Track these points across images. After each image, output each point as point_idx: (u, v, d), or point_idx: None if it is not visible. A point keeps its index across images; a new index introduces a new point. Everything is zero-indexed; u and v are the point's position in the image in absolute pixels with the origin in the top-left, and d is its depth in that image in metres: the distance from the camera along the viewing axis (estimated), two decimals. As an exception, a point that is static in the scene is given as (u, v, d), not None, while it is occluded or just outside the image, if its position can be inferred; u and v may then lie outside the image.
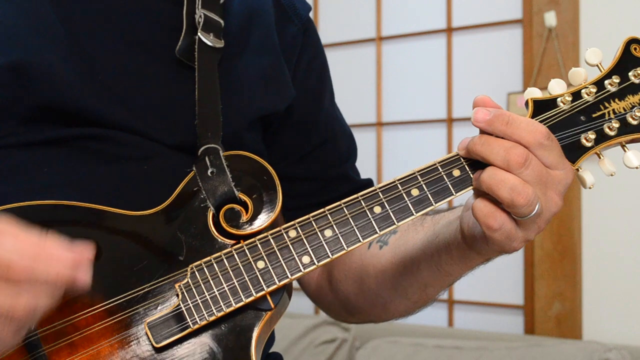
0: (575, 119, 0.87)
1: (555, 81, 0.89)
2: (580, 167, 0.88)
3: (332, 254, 0.85)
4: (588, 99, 0.88)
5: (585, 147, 0.87)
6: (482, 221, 0.81)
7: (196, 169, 0.89)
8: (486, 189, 0.81)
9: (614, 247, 2.38)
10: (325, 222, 0.86)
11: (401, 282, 1.03)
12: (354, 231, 0.85)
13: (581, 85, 0.89)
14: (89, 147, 0.91)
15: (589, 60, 0.89)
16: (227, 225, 0.86)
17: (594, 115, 0.87)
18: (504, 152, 0.80)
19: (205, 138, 0.92)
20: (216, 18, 0.99)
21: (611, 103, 0.88)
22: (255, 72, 1.03)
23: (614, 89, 0.88)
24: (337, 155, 1.16)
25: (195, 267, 0.84)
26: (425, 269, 0.98)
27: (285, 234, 0.85)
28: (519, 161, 0.80)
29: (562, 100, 0.88)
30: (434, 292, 1.02)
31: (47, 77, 0.89)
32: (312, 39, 1.15)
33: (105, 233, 0.85)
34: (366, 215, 0.86)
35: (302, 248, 0.85)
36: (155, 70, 0.96)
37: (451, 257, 0.93)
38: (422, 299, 1.04)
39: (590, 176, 0.88)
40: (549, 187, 0.82)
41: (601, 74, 0.89)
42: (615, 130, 0.87)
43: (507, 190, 0.79)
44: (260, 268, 0.84)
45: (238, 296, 0.83)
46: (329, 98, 1.18)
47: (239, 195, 0.88)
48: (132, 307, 0.82)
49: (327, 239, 0.85)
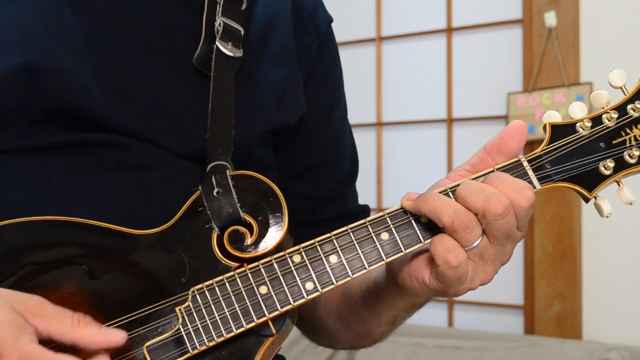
0: (594, 146, 0.84)
1: (577, 104, 0.86)
2: (598, 195, 0.85)
3: (337, 280, 0.83)
4: (609, 124, 0.85)
5: (604, 175, 0.84)
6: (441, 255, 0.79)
7: (202, 188, 0.87)
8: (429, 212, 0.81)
9: (614, 247, 2.38)
10: (331, 247, 0.83)
11: (344, 313, 1.02)
12: (360, 258, 0.83)
13: (602, 109, 0.85)
14: (99, 154, 0.90)
15: (613, 82, 0.85)
16: (231, 248, 0.84)
17: (614, 142, 0.84)
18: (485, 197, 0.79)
19: (215, 154, 0.90)
20: (236, 26, 0.97)
21: (633, 129, 0.84)
22: (271, 85, 1.01)
23: (637, 114, 0.85)
24: (336, 178, 1.14)
25: (196, 290, 0.82)
26: (360, 305, 0.98)
27: (289, 259, 0.83)
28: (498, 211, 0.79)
29: (582, 126, 0.85)
30: (374, 329, 1.00)
31: (60, 79, 0.88)
32: (329, 53, 1.12)
33: (108, 251, 0.84)
34: (373, 241, 0.84)
35: (306, 274, 0.83)
36: (170, 78, 0.94)
37: (376, 295, 0.93)
38: (365, 334, 1.02)
39: (607, 205, 0.85)
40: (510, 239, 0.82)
41: (623, 98, 0.86)
42: (636, 159, 0.84)
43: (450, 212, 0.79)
44: (263, 293, 0.82)
45: (239, 321, 0.81)
46: (340, 117, 1.15)
47: (244, 217, 0.86)
48: (133, 330, 0.81)
49: (332, 265, 0.83)
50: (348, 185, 1.16)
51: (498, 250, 0.82)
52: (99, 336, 0.74)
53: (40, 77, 0.87)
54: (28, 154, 0.89)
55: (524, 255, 2.52)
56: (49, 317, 0.73)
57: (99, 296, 0.81)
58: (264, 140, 1.01)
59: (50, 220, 0.83)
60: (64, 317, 0.74)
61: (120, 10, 0.94)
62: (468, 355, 2.29)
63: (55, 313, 0.74)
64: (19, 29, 0.89)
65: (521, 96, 2.49)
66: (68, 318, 0.74)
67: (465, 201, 0.80)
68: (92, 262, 0.83)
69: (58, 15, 0.91)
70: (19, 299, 0.74)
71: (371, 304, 0.96)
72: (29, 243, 0.82)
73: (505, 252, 0.83)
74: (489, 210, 0.78)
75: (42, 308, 0.74)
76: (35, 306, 0.74)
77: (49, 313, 0.74)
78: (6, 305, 0.72)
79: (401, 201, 0.84)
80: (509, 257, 0.84)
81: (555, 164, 0.85)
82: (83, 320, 0.74)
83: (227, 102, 0.94)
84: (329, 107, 1.13)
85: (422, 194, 0.83)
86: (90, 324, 0.75)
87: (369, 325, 1.00)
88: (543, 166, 0.84)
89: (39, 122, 0.89)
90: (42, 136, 0.89)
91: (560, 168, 0.85)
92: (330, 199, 1.13)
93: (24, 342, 0.71)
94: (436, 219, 0.80)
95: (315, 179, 1.11)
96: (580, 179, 0.84)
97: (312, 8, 1.10)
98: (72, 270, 0.82)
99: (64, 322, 0.74)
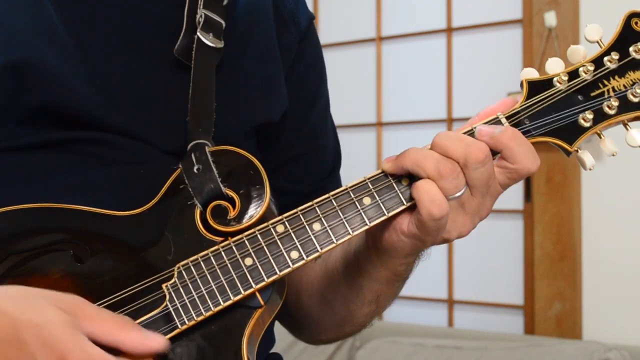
0: (572, 99, 0.85)
1: (554, 60, 0.87)
2: (580, 148, 0.85)
3: (321, 247, 0.83)
4: (586, 77, 0.85)
5: (584, 127, 0.84)
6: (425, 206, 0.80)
7: (182, 166, 0.87)
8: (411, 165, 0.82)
9: (614, 247, 2.38)
10: (313, 215, 0.84)
11: (327, 294, 1.02)
12: (343, 224, 0.84)
13: (578, 63, 0.86)
14: (86, 151, 0.90)
15: (589, 36, 0.86)
16: (214, 223, 0.84)
17: (593, 94, 0.85)
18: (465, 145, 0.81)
19: (196, 133, 0.90)
20: (217, 19, 0.98)
21: (610, 81, 0.85)
22: (255, 80, 1.02)
23: (614, 65, 0.85)
24: (317, 171, 1.14)
25: (182, 266, 0.82)
26: (343, 281, 0.98)
27: (273, 229, 0.84)
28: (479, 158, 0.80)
29: (559, 80, 0.86)
30: (357, 309, 1.00)
31: (46, 77, 0.88)
32: (310, 48, 1.12)
33: (92, 234, 0.84)
34: (355, 207, 0.84)
35: (291, 243, 0.83)
36: (154, 74, 0.95)
37: (357, 266, 0.93)
38: (348, 317, 1.02)
39: (589, 157, 0.85)
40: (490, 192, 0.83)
41: (599, 51, 0.86)
42: (615, 109, 0.84)
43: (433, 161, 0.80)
44: (248, 265, 0.82)
45: (226, 294, 0.81)
46: (321, 110, 1.16)
47: (226, 192, 0.86)
48: (120, 309, 0.81)
49: (315, 232, 0.83)
50: (330, 179, 1.16)
51: (479, 203, 0.83)
52: (145, 341, 0.74)
53: (25, 76, 0.88)
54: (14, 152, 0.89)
55: (524, 255, 2.52)
56: (92, 317, 0.73)
57: (86, 279, 0.81)
58: (249, 136, 1.02)
59: (32, 208, 0.84)
60: (108, 318, 0.74)
61: (103, 7, 0.95)
62: (468, 355, 2.29)
63: (99, 314, 0.74)
64: (3, 28, 0.89)
65: (521, 96, 2.49)
66: (111, 319, 0.74)
67: (445, 151, 0.81)
68: (76, 246, 0.83)
69: (42, 13, 0.91)
70: (60, 298, 0.74)
71: (353, 278, 0.96)
72: (13, 232, 0.83)
73: (485, 205, 0.84)
74: (470, 158, 0.79)
75: (84, 308, 0.74)
76: (78, 306, 0.74)
77: (93, 313, 0.74)
78: (52, 305, 0.72)
79: (382, 164, 0.85)
80: (488, 212, 0.85)
81: (534, 119, 0.85)
82: (127, 322, 0.75)
83: (207, 87, 0.94)
84: (310, 102, 1.13)
85: (402, 152, 0.83)
86: (135, 327, 0.75)
87: (352, 305, 1.00)
88: (522, 122, 0.85)
89: (25, 120, 0.89)
90: (29, 136, 0.89)
91: (539, 123, 0.85)
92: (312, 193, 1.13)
93: (86, 345, 0.71)
94: (420, 170, 0.81)
95: (296, 173, 1.12)
96: (560, 133, 0.85)
97: (293, 5, 1.11)
98: (57, 255, 0.82)
99: (109, 324, 0.74)
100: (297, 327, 1.14)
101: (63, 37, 0.91)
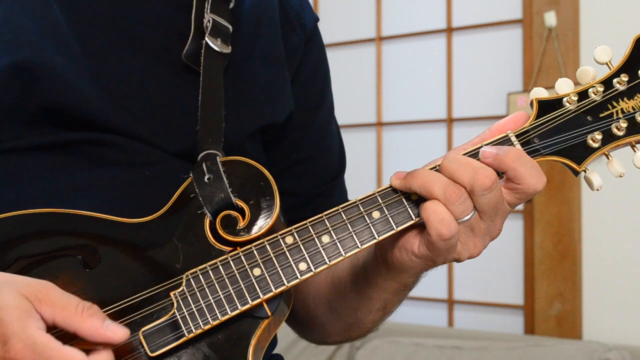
0: (581, 120, 0.85)
1: (563, 80, 0.88)
2: (587, 168, 0.86)
3: (330, 260, 0.83)
4: (595, 98, 0.86)
5: (592, 147, 0.85)
6: (434, 226, 0.80)
7: (193, 176, 0.88)
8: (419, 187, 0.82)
9: (614, 247, 2.38)
10: (322, 227, 0.84)
11: (333, 303, 1.02)
12: (352, 237, 0.84)
13: (588, 84, 0.87)
14: (91, 152, 0.90)
15: (598, 58, 0.87)
16: (223, 232, 0.85)
17: (602, 115, 0.85)
18: (471, 171, 0.81)
19: (206, 143, 0.91)
20: (224, 23, 0.98)
21: (619, 102, 0.86)
22: (260, 82, 1.02)
23: (623, 87, 0.86)
24: (322, 174, 1.15)
25: (190, 274, 0.83)
26: (350, 291, 0.98)
27: (282, 240, 0.84)
28: (486, 185, 0.80)
29: (568, 100, 0.86)
30: (364, 316, 1.00)
31: (52, 78, 0.88)
32: (315, 50, 1.13)
33: (101, 241, 0.85)
34: (365, 220, 0.84)
35: (299, 255, 0.83)
36: (161, 76, 0.95)
37: (366, 278, 0.94)
38: (355, 323, 1.03)
39: (597, 178, 0.86)
40: (499, 214, 0.83)
41: (609, 72, 0.87)
42: (623, 130, 0.85)
43: (440, 185, 0.80)
44: (257, 275, 0.83)
45: (234, 304, 0.82)
46: (326, 113, 1.16)
47: (236, 202, 0.86)
48: (127, 316, 0.81)
49: (324, 245, 0.84)
50: (335, 181, 1.16)
51: (488, 225, 0.84)
52: (101, 330, 0.74)
53: (31, 77, 0.88)
54: (20, 153, 0.89)
55: (524, 255, 2.52)
56: (54, 303, 0.73)
57: (94, 285, 0.82)
58: (254, 137, 1.02)
59: (42, 213, 0.84)
60: (69, 305, 0.74)
61: (110, 9, 0.95)
62: (468, 355, 2.29)
63: (61, 299, 0.74)
64: (9, 29, 0.89)
65: (521, 96, 2.49)
66: (73, 306, 0.74)
67: (452, 175, 0.81)
68: (86, 252, 0.83)
69: (48, 14, 0.91)
70: (26, 283, 0.74)
71: (362, 288, 0.96)
72: (22, 236, 0.83)
73: (495, 226, 0.85)
74: (477, 184, 0.80)
75: (48, 294, 0.74)
76: (42, 292, 0.73)
77: (55, 299, 0.73)
78: (13, 290, 0.72)
79: (390, 180, 0.85)
80: (499, 232, 0.86)
81: (543, 138, 0.86)
82: (88, 310, 0.74)
83: (217, 95, 0.94)
84: (315, 104, 1.14)
85: (411, 171, 0.84)
86: (95, 315, 0.74)
87: (359, 313, 1.00)
88: (531, 140, 0.86)
89: (31, 121, 0.89)
90: (34, 136, 0.89)
91: (548, 142, 0.86)
92: (316, 196, 1.13)
93: (32, 330, 0.71)
94: (427, 193, 0.81)
95: (301, 175, 1.12)
96: (568, 152, 0.85)
97: (299, 7, 1.11)
98: (66, 261, 0.83)
99: (68, 310, 0.73)
100: (303, 329, 1.15)
101: (69, 38, 0.91)
